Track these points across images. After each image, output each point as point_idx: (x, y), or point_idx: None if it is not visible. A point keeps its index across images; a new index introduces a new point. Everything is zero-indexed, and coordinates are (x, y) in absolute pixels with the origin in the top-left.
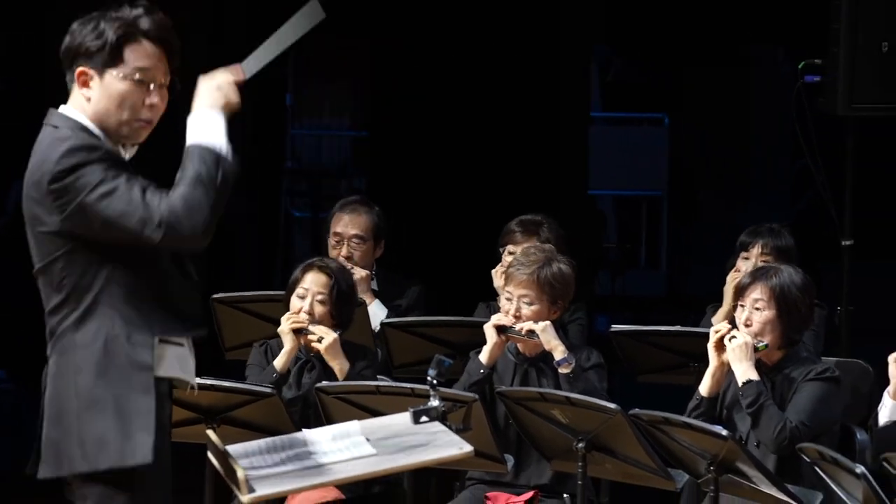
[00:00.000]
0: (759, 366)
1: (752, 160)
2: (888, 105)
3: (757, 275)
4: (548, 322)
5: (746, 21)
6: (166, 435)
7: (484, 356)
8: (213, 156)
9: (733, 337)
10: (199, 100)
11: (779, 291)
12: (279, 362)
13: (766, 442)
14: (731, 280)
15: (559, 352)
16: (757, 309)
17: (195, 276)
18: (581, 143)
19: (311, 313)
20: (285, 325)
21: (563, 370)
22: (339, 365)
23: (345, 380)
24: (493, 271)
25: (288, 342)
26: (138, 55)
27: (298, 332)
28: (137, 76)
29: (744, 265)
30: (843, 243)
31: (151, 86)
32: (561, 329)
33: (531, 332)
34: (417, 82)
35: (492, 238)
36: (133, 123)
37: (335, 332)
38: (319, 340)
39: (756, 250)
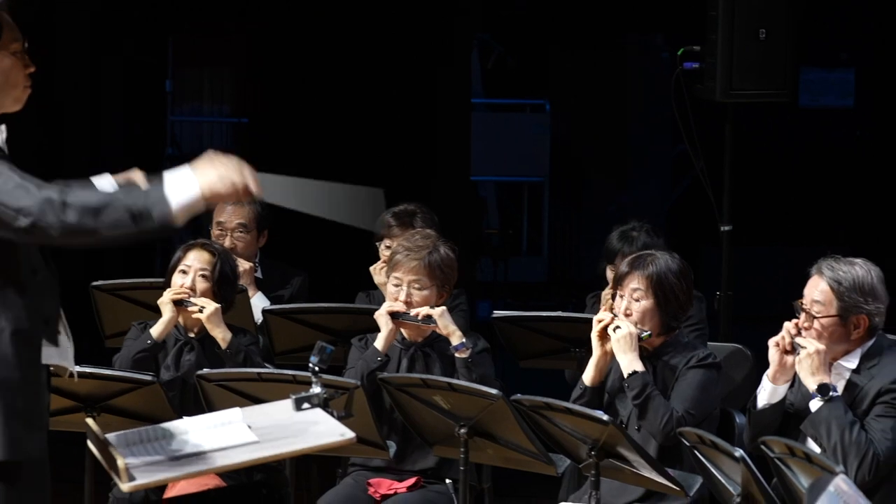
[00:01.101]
0: (639, 352)
1: (632, 146)
2: (766, 91)
3: (634, 264)
4: (444, 308)
5: (626, 8)
6: (45, 424)
7: (379, 343)
8: (147, 212)
9: (617, 327)
10: (201, 165)
11: (656, 279)
12: (156, 330)
13: (653, 433)
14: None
15: (456, 337)
16: (636, 299)
17: (55, 271)
18: (463, 130)
19: (192, 289)
20: (166, 296)
21: (460, 355)
22: (221, 333)
23: (227, 349)
24: (372, 268)
25: (167, 312)
26: (8, 27)
27: (179, 303)
28: (13, 48)
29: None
30: (722, 228)
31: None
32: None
33: (428, 318)
34: (298, 69)
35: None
36: (21, 94)
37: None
38: (200, 310)
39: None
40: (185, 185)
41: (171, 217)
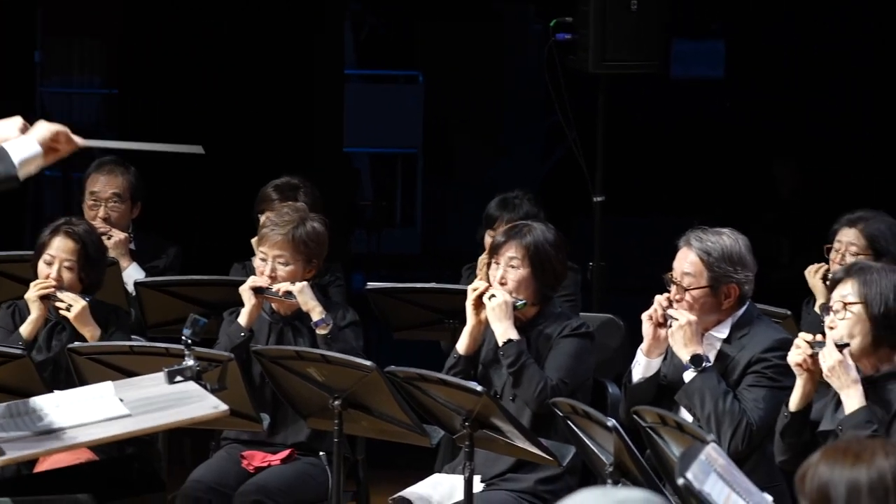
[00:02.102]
0: (514, 322)
1: (505, 117)
2: (638, 63)
3: (510, 233)
4: (305, 283)
5: None
6: None
7: (243, 318)
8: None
9: (493, 295)
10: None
11: (533, 249)
12: (25, 330)
13: (527, 401)
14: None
15: (316, 313)
16: (512, 266)
17: None
18: (336, 101)
19: (58, 280)
20: (32, 293)
21: (320, 331)
22: (89, 332)
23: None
24: (254, 241)
25: (35, 310)
26: None
27: (46, 298)
28: None
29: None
30: (595, 199)
31: None
32: (321, 290)
33: (288, 294)
34: (169, 39)
35: (247, 197)
36: None
37: (84, 297)
38: (68, 308)
39: (502, 228)
40: (24, 145)
41: (8, 173)
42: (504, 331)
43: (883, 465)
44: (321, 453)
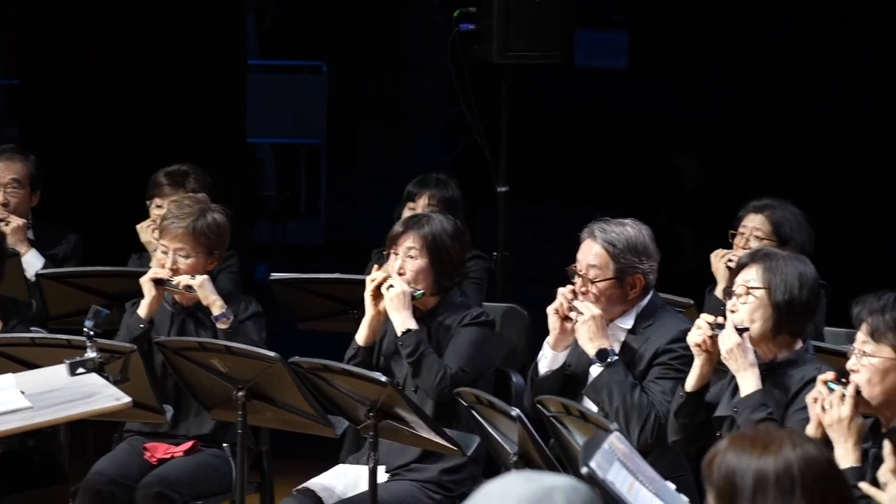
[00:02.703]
0: (414, 313)
1: (409, 107)
2: (541, 52)
3: (408, 224)
4: (205, 277)
5: None
6: None
7: (142, 310)
8: None
9: (391, 286)
10: None
11: (431, 239)
12: None
13: (427, 390)
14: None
15: (216, 307)
16: (410, 257)
17: None
18: (239, 92)
19: None
20: None
21: (220, 325)
22: None
23: None
24: (139, 226)
25: None
26: None
27: None
28: None
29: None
30: (499, 189)
31: None
32: (212, 278)
33: (188, 287)
34: (71, 30)
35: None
36: None
37: None
38: None
39: (423, 201)
40: None
41: None
42: (402, 321)
43: (790, 457)
44: (225, 445)
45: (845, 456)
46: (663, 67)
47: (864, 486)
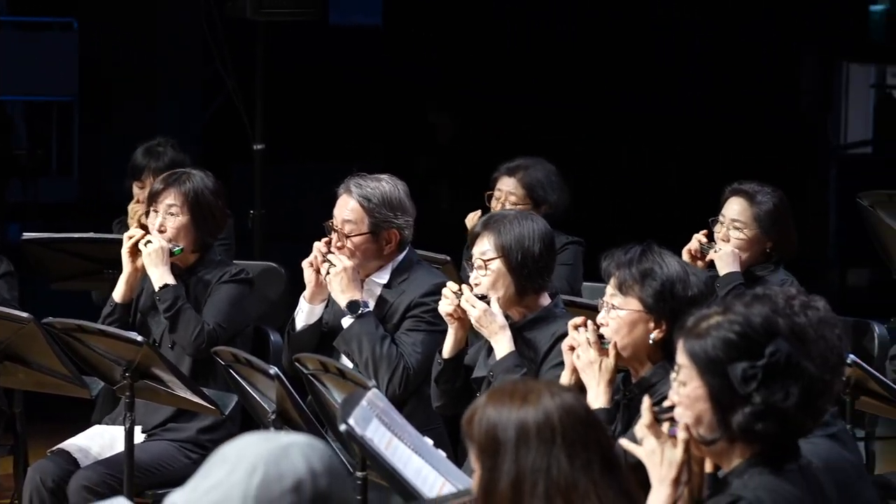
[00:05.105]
0: (173, 270)
1: (162, 65)
2: (296, 9)
3: (169, 181)
4: None
5: None
6: None
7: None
8: None
9: (149, 241)
10: None
11: (192, 196)
12: None
13: (183, 345)
14: None
15: None
16: (171, 214)
17: None
18: None
19: None
20: None
21: None
22: None
23: None
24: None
25: None
26: None
27: None
28: None
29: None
30: (255, 147)
31: None
32: None
33: None
34: None
35: None
36: None
37: None
38: None
39: (149, 179)
40: None
41: None
42: (160, 276)
43: (549, 406)
44: None
45: (597, 398)
46: (417, 25)
47: (624, 442)
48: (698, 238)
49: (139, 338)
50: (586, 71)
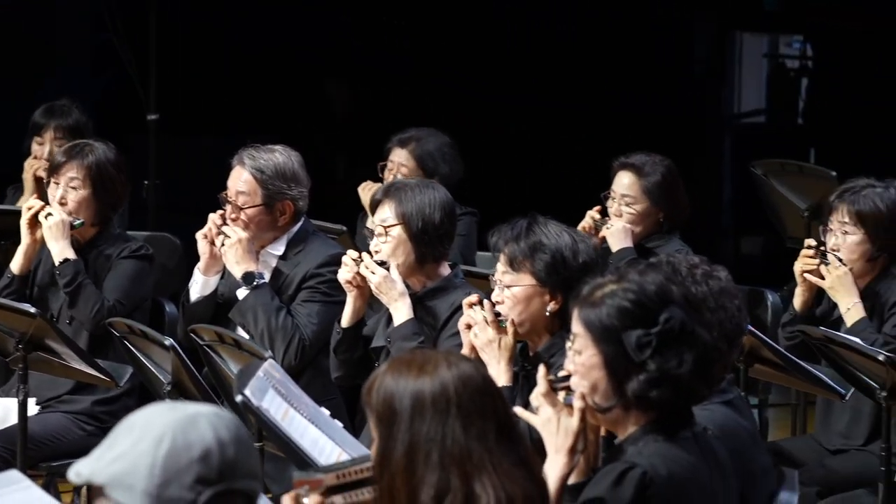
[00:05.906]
0: (73, 244)
1: (52, 33)
2: None
3: (71, 153)
4: None
5: None
6: None
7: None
8: None
9: (49, 214)
10: None
11: (94, 170)
12: None
13: (83, 321)
14: None
15: None
16: (72, 187)
17: None
18: None
19: None
20: None
21: None
22: None
23: None
24: None
25: None
26: None
27: None
28: None
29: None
30: (149, 118)
31: None
32: None
33: None
34: None
35: None
36: None
37: None
38: None
39: (49, 134)
40: None
41: None
42: (61, 250)
43: (445, 376)
44: None
45: (498, 376)
46: None
47: (519, 411)
48: (591, 214)
49: (32, 309)
50: (479, 42)
